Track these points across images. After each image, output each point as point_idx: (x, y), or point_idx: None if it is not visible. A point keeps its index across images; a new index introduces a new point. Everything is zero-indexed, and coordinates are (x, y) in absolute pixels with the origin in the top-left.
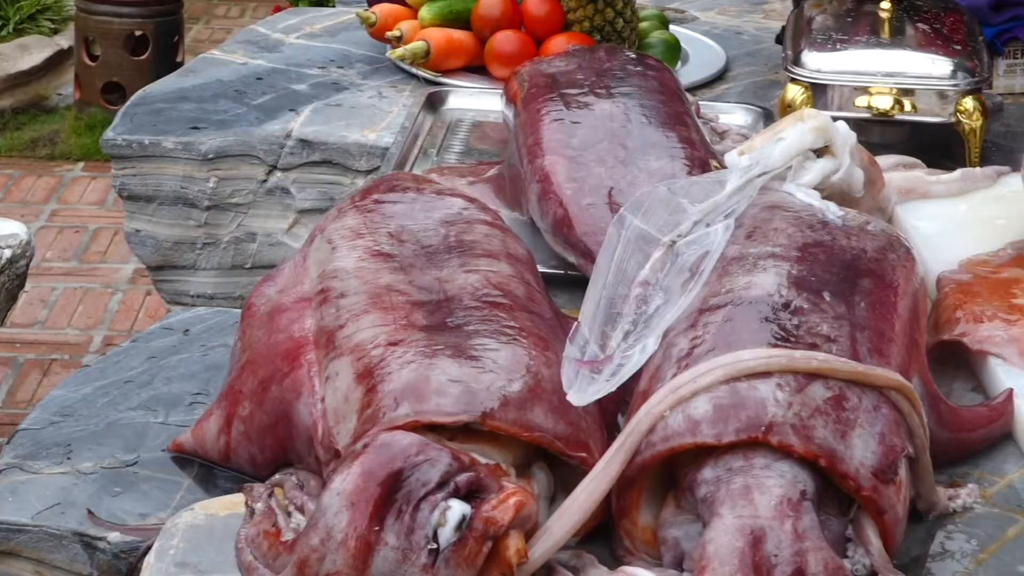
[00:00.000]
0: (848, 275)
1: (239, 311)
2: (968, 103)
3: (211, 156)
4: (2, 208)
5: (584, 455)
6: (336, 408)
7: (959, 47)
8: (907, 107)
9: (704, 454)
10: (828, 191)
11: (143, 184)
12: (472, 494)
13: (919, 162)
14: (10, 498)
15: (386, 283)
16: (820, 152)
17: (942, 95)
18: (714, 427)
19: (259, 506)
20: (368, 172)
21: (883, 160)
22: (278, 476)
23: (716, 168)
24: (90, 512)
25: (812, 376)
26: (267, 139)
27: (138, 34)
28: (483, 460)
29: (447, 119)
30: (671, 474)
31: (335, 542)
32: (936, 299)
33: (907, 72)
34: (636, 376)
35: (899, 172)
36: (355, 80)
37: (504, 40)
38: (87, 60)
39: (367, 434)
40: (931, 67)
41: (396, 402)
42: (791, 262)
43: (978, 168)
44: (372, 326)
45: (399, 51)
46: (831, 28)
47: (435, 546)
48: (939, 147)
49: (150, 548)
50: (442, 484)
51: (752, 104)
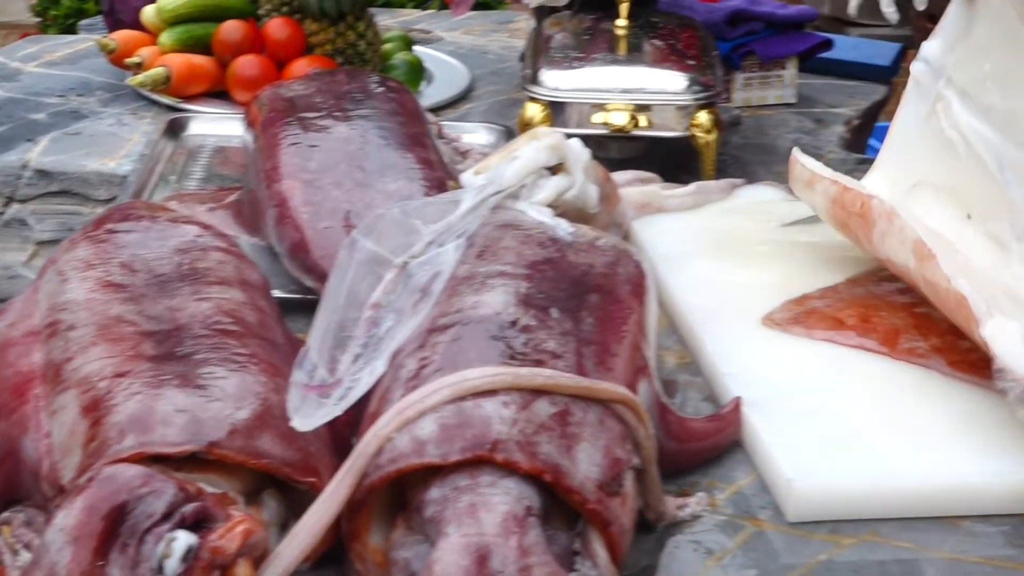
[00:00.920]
0: (576, 291)
1: None
2: (702, 117)
3: None
4: None
5: (314, 480)
6: (62, 443)
7: (693, 62)
8: (643, 123)
9: (431, 474)
10: (563, 208)
11: None
12: (199, 524)
13: (656, 176)
14: None
15: (116, 314)
16: (554, 170)
17: (677, 110)
18: (439, 447)
19: None
20: (108, 201)
21: (619, 176)
22: (6, 514)
23: (454, 188)
24: None
25: (537, 392)
26: (3, 170)
27: None
28: (211, 489)
29: (188, 145)
30: (401, 495)
31: None
32: None
33: (643, 88)
34: (368, 398)
35: (635, 187)
36: (95, 108)
37: (245, 64)
38: None
39: (91, 468)
40: (666, 83)
41: (121, 434)
42: (520, 280)
43: (713, 181)
44: (99, 358)
45: (139, 77)
46: (569, 46)
47: None
48: (677, 161)
49: None
50: (168, 515)
51: (495, 123)
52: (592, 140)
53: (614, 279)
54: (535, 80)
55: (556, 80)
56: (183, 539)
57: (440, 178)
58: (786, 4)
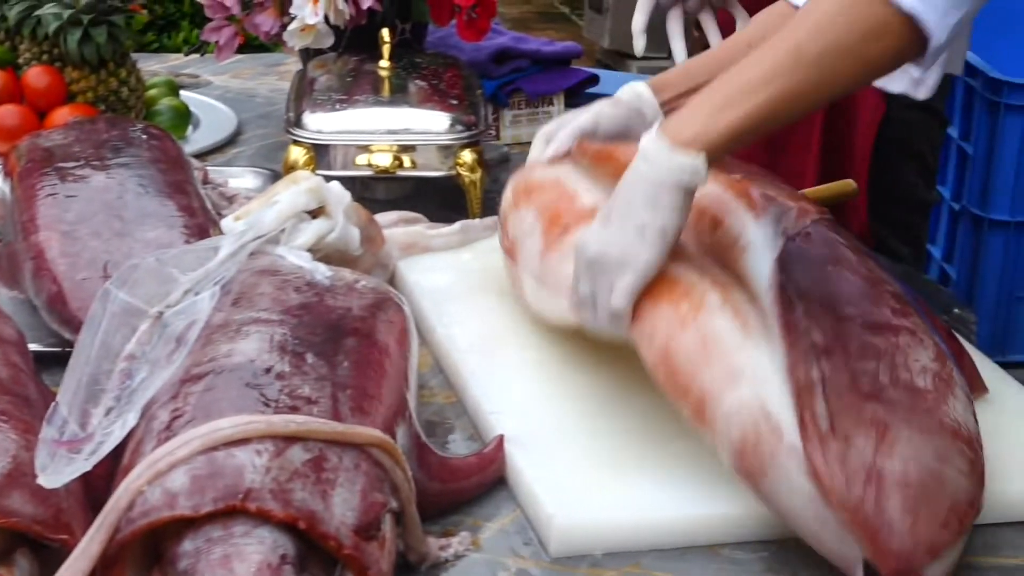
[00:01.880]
0: (333, 335)
1: None
2: (467, 156)
3: None
4: None
5: (66, 537)
6: None
7: (456, 102)
8: (408, 163)
9: (185, 526)
10: (325, 251)
11: None
12: None
13: (421, 217)
14: None
15: None
16: (315, 213)
17: (441, 149)
18: (191, 498)
19: None
20: None
21: (383, 217)
22: None
23: (216, 235)
24: None
25: (291, 439)
26: None
27: None
28: None
29: None
30: (157, 548)
31: None
32: None
33: (406, 129)
34: (122, 451)
35: (400, 228)
36: None
37: (4, 114)
38: None
39: None
40: (429, 123)
41: None
42: (275, 326)
43: (478, 219)
44: None
45: None
46: (333, 88)
47: None
48: (445, 200)
49: None
50: None
51: (263, 167)
52: (358, 182)
53: (373, 322)
54: (298, 123)
55: (319, 123)
56: None
57: (202, 225)
58: (552, 41)
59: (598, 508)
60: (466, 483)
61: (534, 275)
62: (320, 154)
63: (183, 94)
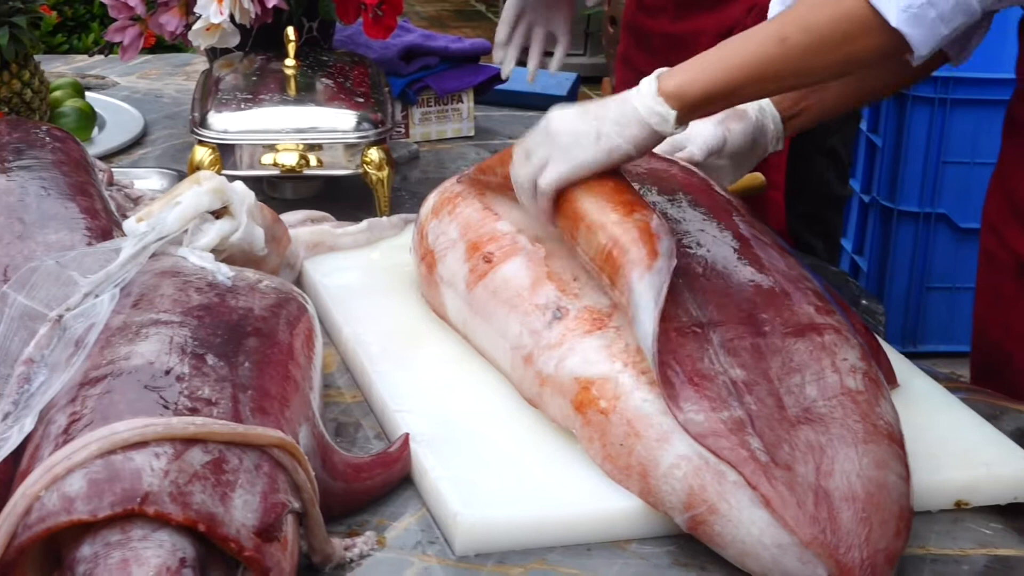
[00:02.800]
0: (233, 336)
1: None
2: (373, 154)
3: None
4: None
5: None
6: None
7: (363, 100)
8: (314, 162)
9: (83, 531)
10: (229, 252)
11: None
12: None
13: (327, 215)
14: None
15: None
16: (219, 213)
17: (347, 148)
18: (89, 503)
19: None
20: None
21: (290, 216)
22: None
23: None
24: None
25: (191, 442)
26: None
27: None
28: None
29: None
30: (56, 554)
31: None
32: None
33: (312, 127)
34: (20, 456)
35: (307, 227)
36: None
37: None
38: None
39: None
40: (335, 121)
41: None
42: (175, 327)
43: (386, 217)
44: None
45: None
46: (238, 88)
47: None
48: (353, 199)
49: None
50: None
51: (169, 168)
52: (265, 181)
53: (275, 322)
54: (203, 123)
55: (224, 122)
56: None
57: (105, 227)
58: (460, 38)
59: (503, 506)
60: (371, 482)
61: (461, 297)
62: (226, 154)
63: (89, 95)
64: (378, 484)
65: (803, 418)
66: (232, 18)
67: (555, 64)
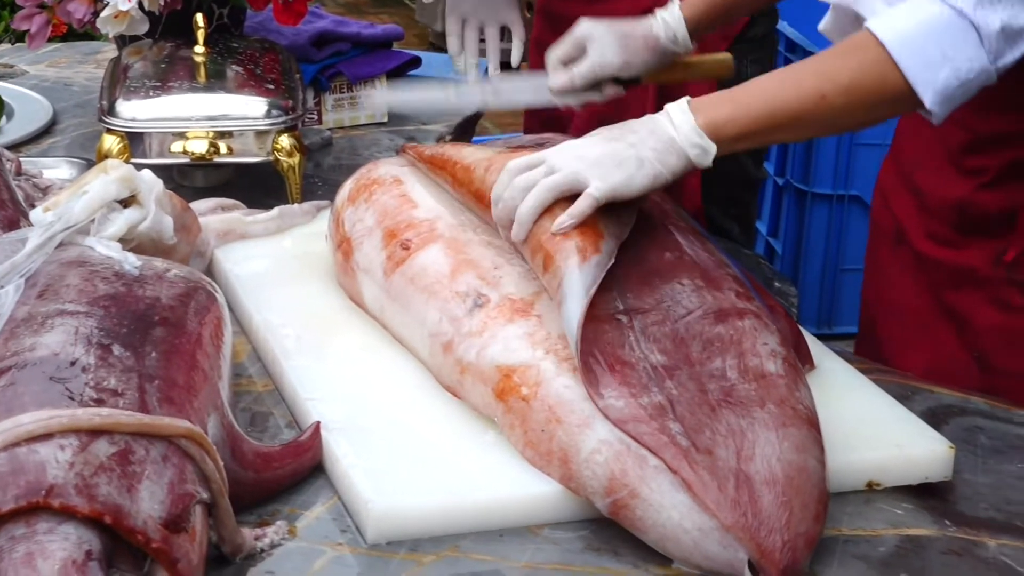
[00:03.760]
0: (140, 326)
1: None
2: (284, 141)
3: None
4: None
5: None
6: None
7: (273, 87)
8: (224, 149)
9: None
10: (137, 241)
11: None
12: None
13: (238, 203)
14: None
15: None
16: (127, 202)
17: (258, 135)
18: None
19: None
20: None
21: (200, 204)
22: None
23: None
24: None
25: (96, 433)
26: None
27: None
28: None
29: None
30: None
31: None
32: None
33: (222, 115)
34: None
35: (217, 215)
36: None
37: None
38: None
39: None
40: (245, 108)
41: None
42: (81, 318)
43: (297, 204)
44: None
45: None
46: (147, 75)
47: None
48: (265, 186)
49: None
50: None
51: (79, 157)
52: (176, 170)
53: (183, 311)
54: (111, 111)
55: (133, 110)
56: None
57: (11, 217)
58: (373, 24)
59: (415, 493)
60: (281, 471)
61: (378, 285)
62: (135, 142)
63: None
64: (288, 473)
65: (724, 402)
66: (141, 5)
67: (516, 56)
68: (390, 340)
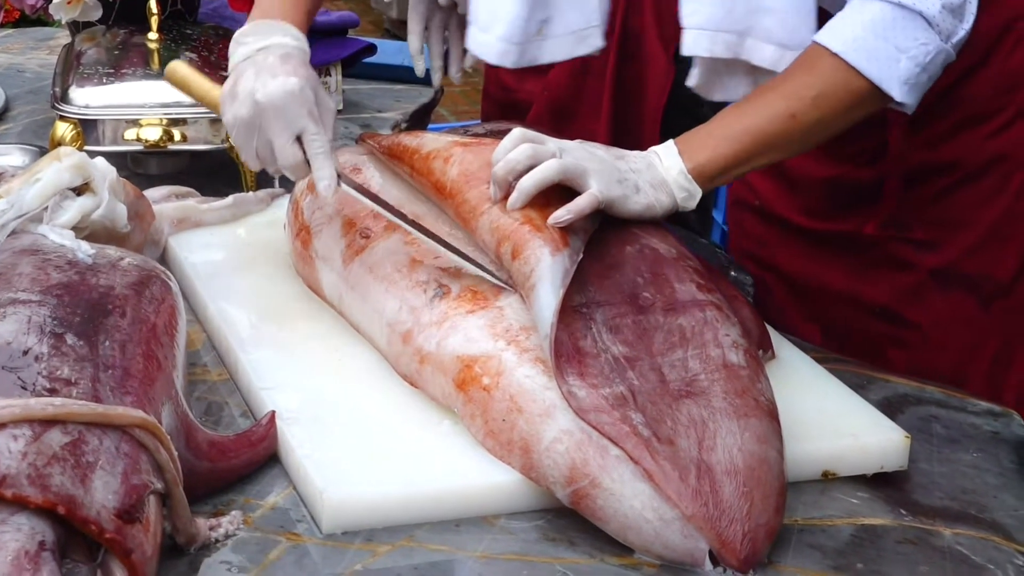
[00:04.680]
0: (94, 314)
1: None
2: None
3: None
4: None
5: None
6: None
7: (227, 74)
8: (178, 137)
9: None
10: (91, 229)
11: None
12: None
13: (192, 191)
14: None
15: None
16: (80, 190)
17: (212, 123)
18: None
19: None
20: None
21: (154, 192)
22: None
23: None
24: None
25: (49, 423)
26: None
27: None
28: None
29: None
30: None
31: None
32: None
33: (176, 102)
34: None
35: (171, 203)
36: None
37: None
38: None
39: None
40: None
41: None
42: (34, 307)
43: (252, 192)
44: None
45: None
46: (101, 62)
47: None
48: (220, 174)
49: None
50: None
51: (32, 144)
52: (130, 157)
53: (136, 300)
54: (64, 98)
55: (86, 97)
56: None
57: None
58: (328, 11)
59: (370, 483)
60: (236, 461)
61: (337, 273)
62: (88, 129)
63: None
64: (243, 463)
65: (685, 392)
66: None
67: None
68: (347, 329)
